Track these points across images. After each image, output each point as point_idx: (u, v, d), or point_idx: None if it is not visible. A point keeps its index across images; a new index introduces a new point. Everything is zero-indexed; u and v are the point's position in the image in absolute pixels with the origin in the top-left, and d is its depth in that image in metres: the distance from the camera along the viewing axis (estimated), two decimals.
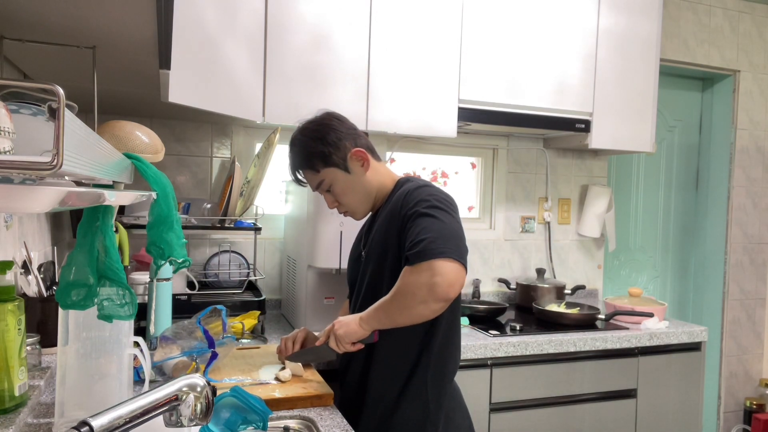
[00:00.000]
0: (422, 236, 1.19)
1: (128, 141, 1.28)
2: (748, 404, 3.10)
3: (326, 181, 1.39)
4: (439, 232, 1.20)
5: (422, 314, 1.21)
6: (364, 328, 1.29)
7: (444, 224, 1.22)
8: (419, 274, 1.18)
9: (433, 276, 1.16)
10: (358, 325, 1.30)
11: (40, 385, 1.19)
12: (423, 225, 1.22)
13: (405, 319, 1.23)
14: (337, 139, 1.36)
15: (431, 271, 1.16)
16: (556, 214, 2.85)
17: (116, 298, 0.94)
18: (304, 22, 1.97)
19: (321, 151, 1.36)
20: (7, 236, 1.34)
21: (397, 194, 1.36)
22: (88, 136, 0.68)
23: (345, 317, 1.35)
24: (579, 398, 2.06)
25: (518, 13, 2.28)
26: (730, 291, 3.16)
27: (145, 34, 1.15)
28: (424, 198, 1.27)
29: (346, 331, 1.31)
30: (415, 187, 1.32)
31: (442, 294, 1.17)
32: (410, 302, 1.20)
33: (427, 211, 1.24)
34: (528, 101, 2.30)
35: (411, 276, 1.19)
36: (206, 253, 2.23)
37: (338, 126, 1.39)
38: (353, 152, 1.37)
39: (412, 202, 1.28)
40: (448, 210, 1.27)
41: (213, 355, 1.39)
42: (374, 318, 1.28)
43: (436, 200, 1.27)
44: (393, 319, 1.25)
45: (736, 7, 3.12)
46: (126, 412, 0.69)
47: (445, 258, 1.16)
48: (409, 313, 1.21)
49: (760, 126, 3.20)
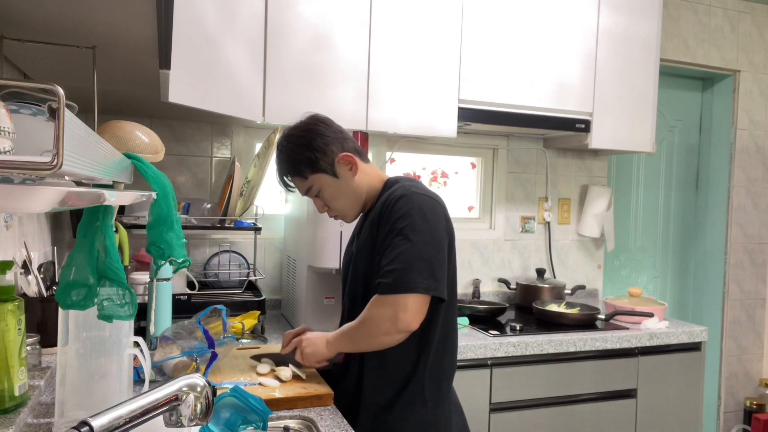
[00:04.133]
0: (394, 265, 1.22)
1: (128, 141, 1.28)
2: (748, 404, 3.10)
3: (315, 186, 1.38)
4: (411, 262, 1.22)
5: (385, 343, 1.28)
6: (330, 350, 1.36)
7: (417, 249, 1.22)
8: (384, 307, 1.23)
9: (397, 311, 1.21)
10: (324, 347, 1.36)
11: (40, 385, 1.19)
12: (398, 249, 1.23)
13: (368, 347, 1.31)
14: (324, 144, 1.35)
15: (396, 306, 1.22)
16: (556, 214, 2.85)
17: (116, 298, 0.93)
18: (304, 22, 1.97)
19: (308, 158, 1.34)
20: (7, 236, 1.34)
21: (384, 197, 1.35)
22: (88, 136, 0.68)
23: (314, 335, 1.41)
24: (579, 398, 2.07)
25: (518, 13, 2.28)
26: (730, 291, 3.16)
27: (145, 34, 1.15)
28: (404, 213, 1.26)
29: (313, 351, 1.37)
30: (398, 196, 1.29)
31: (404, 327, 1.22)
32: (374, 332, 1.26)
33: (406, 231, 1.24)
34: (528, 101, 2.30)
35: (377, 308, 1.25)
36: (206, 253, 2.24)
37: (324, 131, 1.37)
38: (340, 157, 1.35)
39: (395, 214, 1.27)
40: (429, 226, 1.26)
41: (213, 355, 1.38)
42: (340, 342, 1.35)
43: (419, 215, 1.25)
44: (357, 345, 1.32)
45: (736, 7, 3.12)
46: (126, 412, 0.69)
47: (413, 293, 1.21)
48: (372, 342, 1.29)
49: (760, 126, 3.21)
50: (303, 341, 1.40)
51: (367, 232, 1.36)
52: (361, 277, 1.37)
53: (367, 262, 1.35)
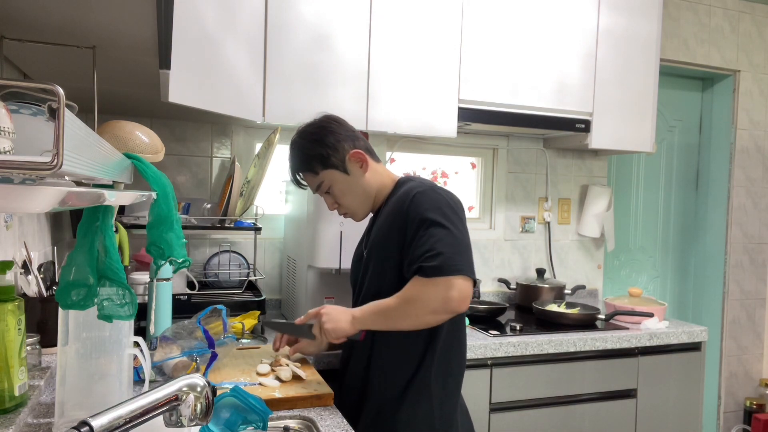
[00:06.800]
0: (438, 249, 1.22)
1: (128, 141, 1.28)
2: (748, 404, 3.10)
3: (325, 182, 1.40)
4: (455, 247, 1.23)
5: (428, 323, 1.27)
6: (354, 327, 1.32)
7: (456, 238, 1.24)
8: (435, 286, 1.21)
9: (449, 290, 1.21)
10: (349, 323, 1.32)
11: (40, 385, 1.19)
12: (438, 236, 1.23)
13: (407, 326, 1.28)
14: (335, 141, 1.38)
15: (448, 286, 1.21)
16: (556, 214, 2.85)
17: (116, 298, 0.94)
18: (304, 22, 1.97)
19: (319, 154, 1.37)
20: (7, 236, 1.34)
21: (400, 193, 1.36)
22: (88, 136, 0.68)
23: (335, 310, 1.36)
24: (579, 398, 2.06)
25: (518, 13, 2.28)
26: (730, 291, 3.16)
27: (145, 34, 1.15)
28: (434, 204, 1.27)
29: (335, 328, 1.33)
30: (421, 189, 1.31)
31: (455, 308, 1.23)
32: (420, 311, 1.24)
33: (440, 220, 1.25)
34: (528, 101, 2.30)
35: (426, 287, 1.22)
36: (206, 253, 2.23)
37: (337, 128, 1.40)
38: (352, 154, 1.38)
39: (422, 207, 1.27)
40: (458, 218, 1.28)
41: (213, 355, 1.39)
42: (370, 320, 1.31)
43: (447, 207, 1.28)
44: (394, 324, 1.28)
45: (736, 7, 3.12)
46: (126, 412, 0.69)
47: (462, 276, 1.21)
48: (414, 321, 1.26)
49: (760, 126, 3.21)
50: (323, 315, 1.35)
51: (384, 229, 1.35)
52: (386, 272, 1.35)
53: (389, 258, 1.33)
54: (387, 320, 1.29)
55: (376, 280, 1.37)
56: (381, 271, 1.36)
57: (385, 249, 1.35)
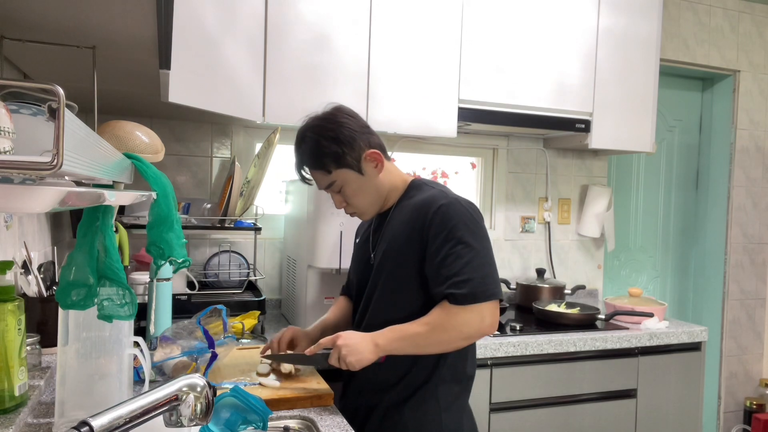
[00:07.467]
0: (468, 275, 1.21)
1: (128, 141, 1.28)
2: (748, 404, 3.10)
3: (338, 182, 1.32)
4: (483, 269, 1.22)
5: (458, 347, 1.27)
6: (377, 355, 1.24)
7: (483, 258, 1.23)
8: (468, 313, 1.21)
9: (482, 318, 1.21)
10: (372, 353, 1.23)
11: (40, 385, 1.19)
12: (466, 258, 1.21)
13: (436, 351, 1.27)
14: (351, 138, 1.28)
15: (481, 313, 1.22)
16: (556, 214, 2.84)
17: (116, 298, 0.94)
18: (304, 22, 1.97)
19: (334, 152, 1.28)
20: (7, 236, 1.34)
21: (418, 201, 1.31)
22: (88, 136, 0.68)
23: (353, 338, 1.25)
24: (579, 398, 2.06)
25: (518, 13, 2.28)
26: (730, 291, 3.16)
27: (145, 34, 1.15)
28: (461, 219, 1.24)
29: (359, 360, 1.23)
30: (446, 202, 1.26)
31: (487, 333, 1.24)
32: (452, 338, 1.23)
33: (467, 239, 1.22)
34: (528, 101, 2.30)
35: (459, 315, 1.21)
36: (206, 253, 2.23)
37: (352, 124, 1.30)
38: (368, 153, 1.30)
39: (448, 222, 1.23)
40: (483, 233, 1.27)
41: (213, 355, 1.38)
42: (395, 347, 1.24)
43: (472, 222, 1.25)
44: (423, 350, 1.26)
45: (736, 7, 3.12)
46: (126, 412, 0.69)
47: (493, 301, 1.22)
48: (445, 347, 1.26)
49: (760, 126, 3.21)
50: (342, 348, 1.23)
51: (401, 238, 1.30)
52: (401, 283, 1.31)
53: (403, 265, 1.30)
54: (416, 348, 1.24)
55: (390, 291, 1.32)
56: (396, 281, 1.31)
57: (402, 257, 1.30)
